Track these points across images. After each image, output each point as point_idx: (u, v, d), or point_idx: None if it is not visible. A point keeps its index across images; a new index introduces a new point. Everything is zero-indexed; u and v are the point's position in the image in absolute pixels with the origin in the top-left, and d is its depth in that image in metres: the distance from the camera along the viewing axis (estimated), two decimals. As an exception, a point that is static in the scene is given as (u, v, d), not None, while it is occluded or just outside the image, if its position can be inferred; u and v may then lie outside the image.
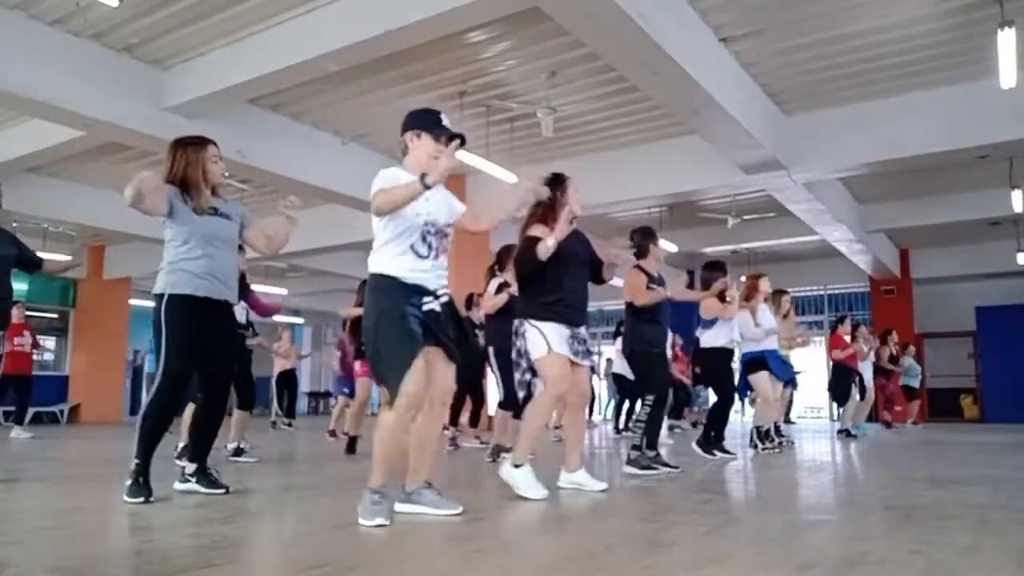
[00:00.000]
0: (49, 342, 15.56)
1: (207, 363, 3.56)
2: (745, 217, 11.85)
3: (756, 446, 6.34)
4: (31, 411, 11.94)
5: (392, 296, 2.82)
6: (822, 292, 16.87)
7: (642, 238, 4.84)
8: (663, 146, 9.71)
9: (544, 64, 7.64)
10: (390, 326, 2.79)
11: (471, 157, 8.72)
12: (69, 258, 3.46)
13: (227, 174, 3.66)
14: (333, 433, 8.14)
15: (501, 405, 5.86)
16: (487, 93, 8.33)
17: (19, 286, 13.86)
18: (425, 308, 2.84)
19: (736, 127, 7.55)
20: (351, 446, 6.24)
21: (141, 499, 3.23)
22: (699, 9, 6.59)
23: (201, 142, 3.54)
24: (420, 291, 2.86)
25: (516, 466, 3.48)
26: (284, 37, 6.81)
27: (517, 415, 5.57)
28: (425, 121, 2.99)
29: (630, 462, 4.52)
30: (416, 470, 3.03)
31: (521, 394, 3.96)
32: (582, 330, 3.75)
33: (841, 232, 11.88)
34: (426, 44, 6.64)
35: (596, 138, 9.69)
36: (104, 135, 8.02)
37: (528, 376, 3.77)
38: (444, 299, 2.93)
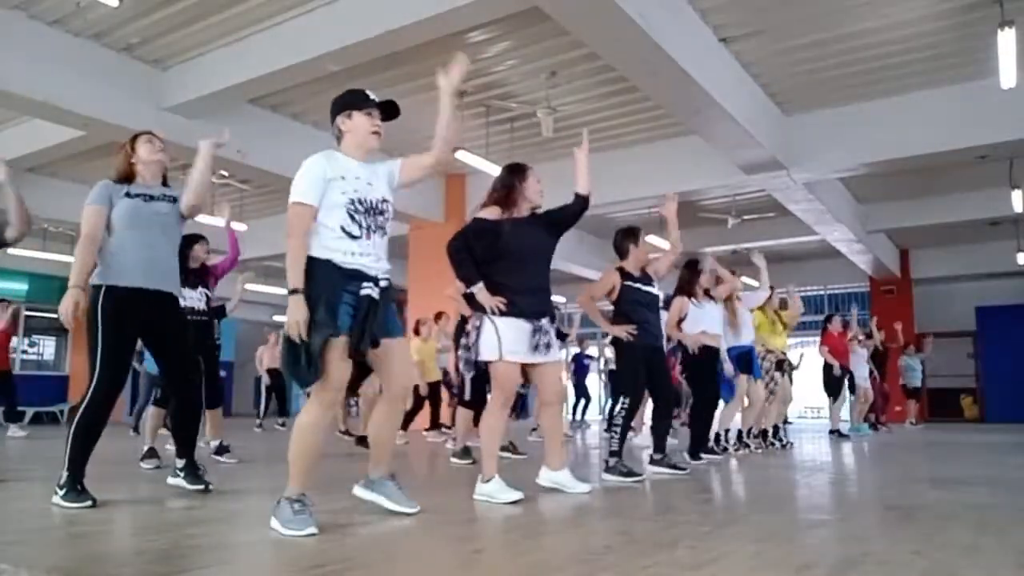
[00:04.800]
0: (49, 342, 15.58)
1: (169, 359, 3.48)
2: (745, 217, 11.86)
3: (726, 448, 6.18)
4: (30, 411, 11.97)
5: (327, 281, 2.67)
6: (822, 292, 16.88)
7: (623, 238, 4.66)
8: (663, 146, 9.72)
9: (544, 64, 7.64)
10: (315, 311, 2.62)
11: (471, 157, 8.73)
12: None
13: (166, 150, 3.58)
14: (347, 432, 8.17)
15: (463, 404, 5.84)
16: (487, 93, 8.33)
17: (19, 286, 13.87)
18: (362, 293, 2.69)
19: (736, 127, 7.55)
20: (363, 442, 6.22)
21: (88, 503, 3.07)
22: (699, 9, 6.59)
23: (133, 137, 3.55)
24: (358, 276, 2.72)
25: (486, 481, 3.41)
26: (284, 37, 6.82)
27: (476, 421, 5.57)
28: (352, 100, 2.93)
29: (608, 469, 4.33)
30: (377, 461, 3.01)
31: (467, 374, 3.83)
32: (545, 322, 3.58)
33: (841, 232, 11.88)
34: (426, 44, 6.64)
35: (596, 138, 9.66)
36: (104, 135, 8.01)
37: (467, 367, 3.62)
38: (384, 284, 2.79)
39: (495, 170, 8.79)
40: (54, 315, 12.68)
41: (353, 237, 2.75)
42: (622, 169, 9.90)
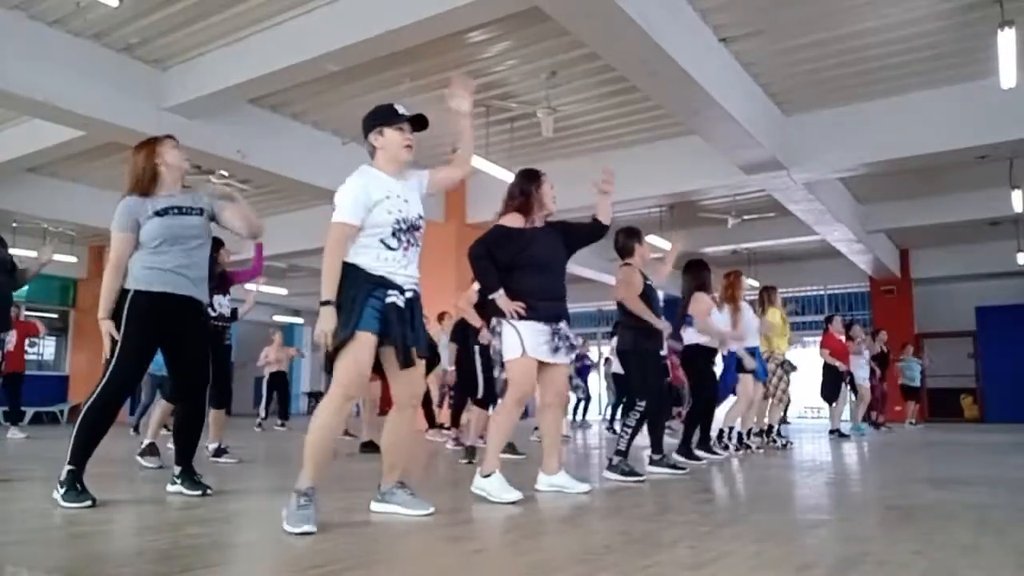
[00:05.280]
0: (49, 342, 15.57)
1: (182, 368, 3.49)
2: (745, 217, 11.85)
3: (727, 447, 6.22)
4: (30, 411, 11.96)
5: (354, 285, 2.78)
6: (822, 292, 16.88)
7: (626, 238, 4.71)
8: (663, 146, 9.71)
9: (544, 64, 7.64)
10: (343, 311, 2.75)
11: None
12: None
13: (201, 166, 3.61)
14: (346, 432, 8.18)
15: (477, 402, 5.85)
16: (487, 93, 8.33)
17: (19, 286, 13.84)
18: (387, 300, 2.78)
19: (736, 127, 7.55)
20: (367, 447, 6.25)
21: (87, 503, 3.09)
22: (699, 9, 6.59)
23: (155, 139, 3.54)
24: (385, 283, 2.81)
25: (486, 476, 3.42)
26: (284, 37, 6.81)
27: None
28: (382, 117, 2.98)
29: (611, 467, 4.36)
30: (390, 470, 3.02)
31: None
32: (563, 325, 3.62)
33: (841, 232, 11.88)
34: (426, 44, 6.64)
35: (596, 138, 9.69)
36: (104, 135, 8.03)
37: (505, 375, 3.65)
38: (409, 295, 2.87)
39: (495, 170, 8.82)
40: (54, 315, 12.78)
41: (390, 248, 2.85)
42: (622, 169, 9.76)
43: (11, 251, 4.73)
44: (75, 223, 12.15)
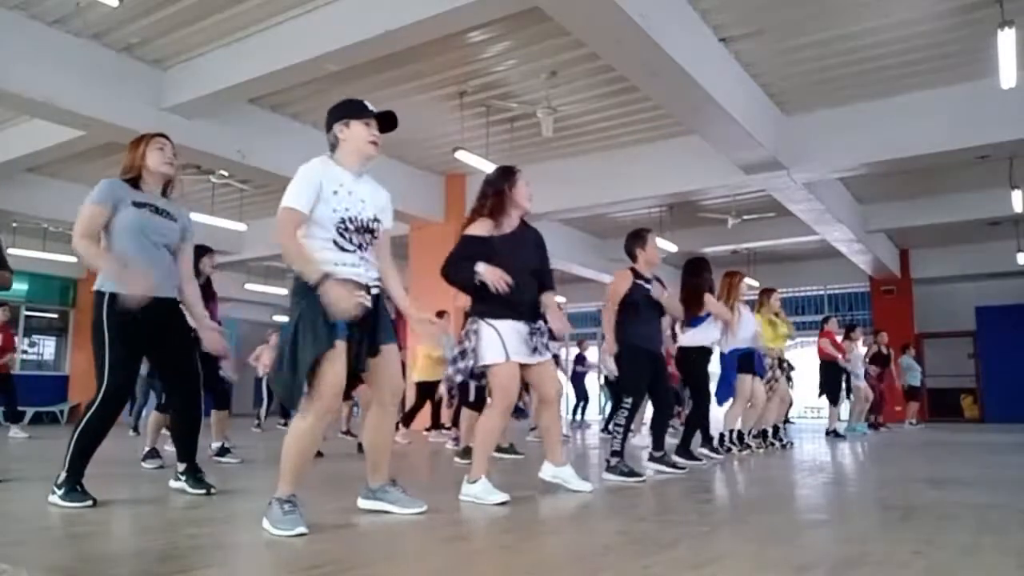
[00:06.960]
0: (49, 342, 15.59)
1: (170, 367, 3.47)
2: (745, 217, 11.85)
3: (730, 449, 6.22)
4: (30, 411, 11.97)
5: (314, 294, 2.61)
6: (822, 292, 16.88)
7: (629, 242, 4.74)
8: (663, 146, 9.71)
9: (544, 64, 7.64)
10: (307, 324, 2.61)
11: (471, 157, 8.73)
12: None
13: (175, 162, 3.53)
14: (348, 432, 8.19)
15: (468, 405, 5.83)
16: (487, 93, 8.33)
17: (19, 286, 13.86)
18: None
19: (736, 127, 7.55)
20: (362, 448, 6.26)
21: (88, 503, 3.09)
22: (699, 9, 6.59)
23: (143, 136, 3.54)
24: (351, 285, 2.71)
25: (472, 482, 3.38)
26: (284, 37, 6.82)
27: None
28: (350, 110, 2.93)
29: (609, 469, 4.34)
30: (376, 468, 3.02)
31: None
32: (540, 324, 3.55)
33: (841, 232, 11.88)
34: (426, 44, 6.64)
35: (596, 138, 9.69)
36: (104, 135, 8.02)
37: (460, 377, 3.52)
38: (375, 291, 2.83)
39: (495, 170, 8.83)
40: (54, 315, 12.76)
41: (344, 251, 2.78)
42: (622, 169, 9.89)
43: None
44: (74, 223, 12.12)
